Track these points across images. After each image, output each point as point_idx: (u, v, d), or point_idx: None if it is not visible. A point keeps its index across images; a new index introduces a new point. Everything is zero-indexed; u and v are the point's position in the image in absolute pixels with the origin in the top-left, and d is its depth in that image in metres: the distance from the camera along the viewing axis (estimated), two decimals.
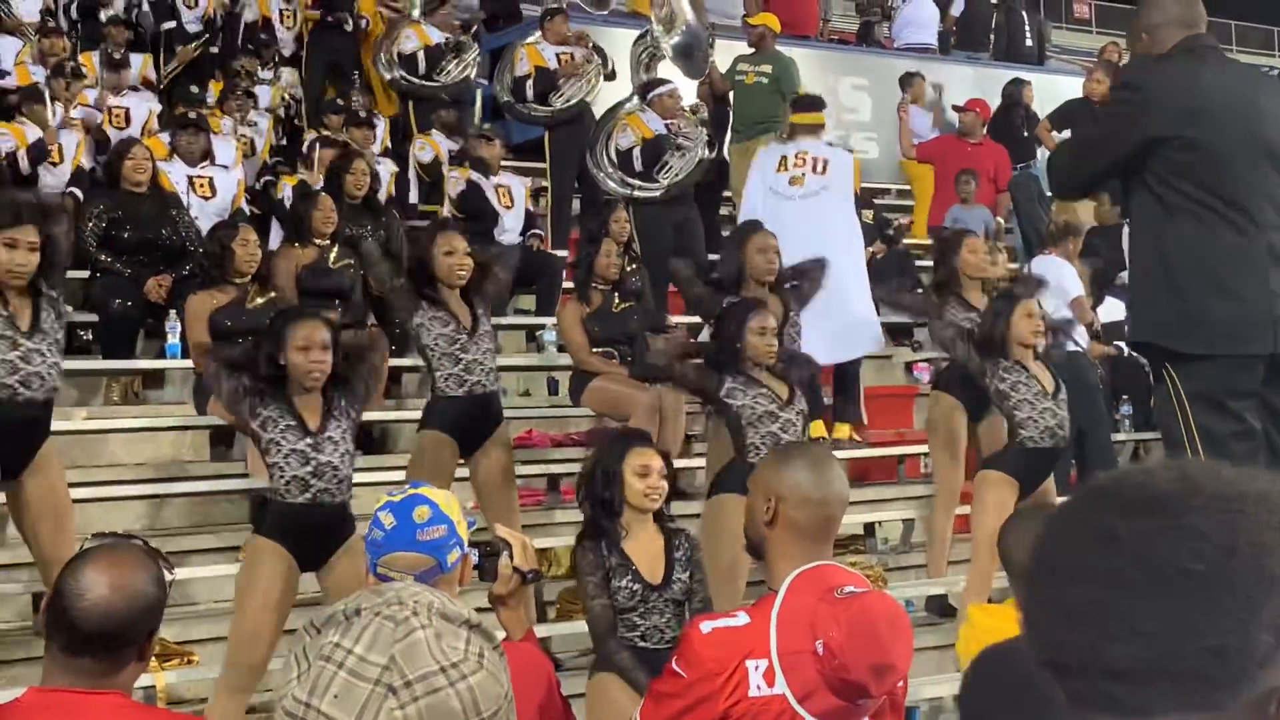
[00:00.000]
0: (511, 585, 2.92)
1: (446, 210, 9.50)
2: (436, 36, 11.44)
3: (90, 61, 10.29)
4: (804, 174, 8.33)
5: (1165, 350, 4.41)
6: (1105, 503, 1.06)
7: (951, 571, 7.20)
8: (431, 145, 10.52)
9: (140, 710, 2.94)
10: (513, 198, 9.59)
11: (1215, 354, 4.31)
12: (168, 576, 2.75)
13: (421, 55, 11.29)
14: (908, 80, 12.58)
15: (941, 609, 7.27)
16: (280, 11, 11.88)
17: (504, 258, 6.82)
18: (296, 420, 5.03)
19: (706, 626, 2.83)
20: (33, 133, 8.66)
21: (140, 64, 10.83)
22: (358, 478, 6.91)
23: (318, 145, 9.73)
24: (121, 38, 10.80)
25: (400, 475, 6.12)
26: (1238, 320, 4.31)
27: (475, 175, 9.50)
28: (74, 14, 11.35)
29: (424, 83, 11.23)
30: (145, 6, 11.48)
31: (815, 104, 9.03)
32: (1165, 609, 0.99)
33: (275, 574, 5.00)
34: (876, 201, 11.52)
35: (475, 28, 12.07)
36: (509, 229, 9.50)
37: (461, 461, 6.22)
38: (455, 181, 9.46)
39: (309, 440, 5.03)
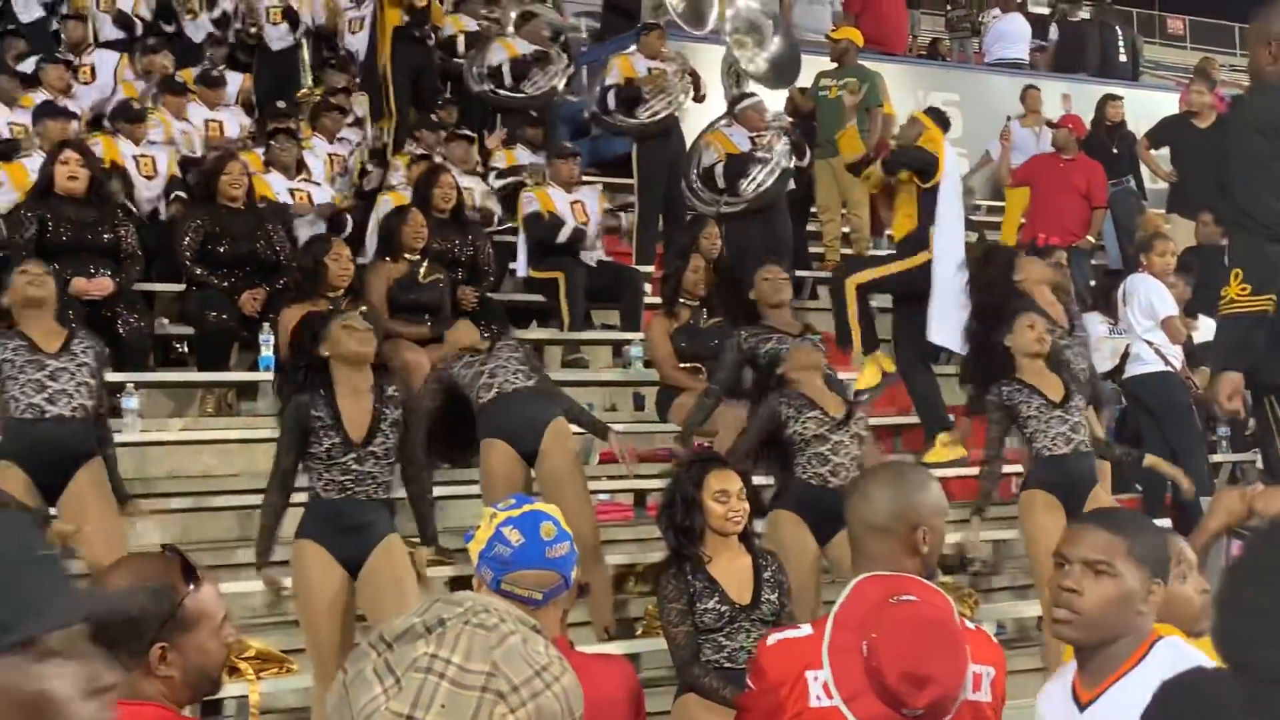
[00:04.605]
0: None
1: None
2: (523, 49, 11.53)
3: (189, 77, 10.50)
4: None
5: (1263, 380, 4.32)
6: None
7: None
8: (509, 159, 10.59)
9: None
10: (588, 213, 9.62)
11: None
12: (182, 591, 2.73)
13: (507, 68, 11.39)
14: (1026, 94, 12.50)
15: None
16: (350, 20, 12.02)
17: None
18: (342, 435, 5.16)
19: (772, 639, 2.85)
20: (126, 147, 8.78)
21: (239, 83, 11.06)
22: (442, 491, 7.03)
23: (418, 160, 9.83)
24: (220, 56, 11.02)
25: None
26: None
27: (552, 192, 9.55)
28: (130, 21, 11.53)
29: (509, 94, 11.32)
30: (236, 23, 11.68)
31: (944, 121, 8.95)
32: None
33: (322, 570, 5.10)
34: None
35: (564, 38, 12.12)
36: (587, 242, 9.52)
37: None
38: (528, 202, 9.53)
39: (353, 455, 5.14)
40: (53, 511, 5.45)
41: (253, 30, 11.57)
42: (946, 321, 7.77)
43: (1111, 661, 2.73)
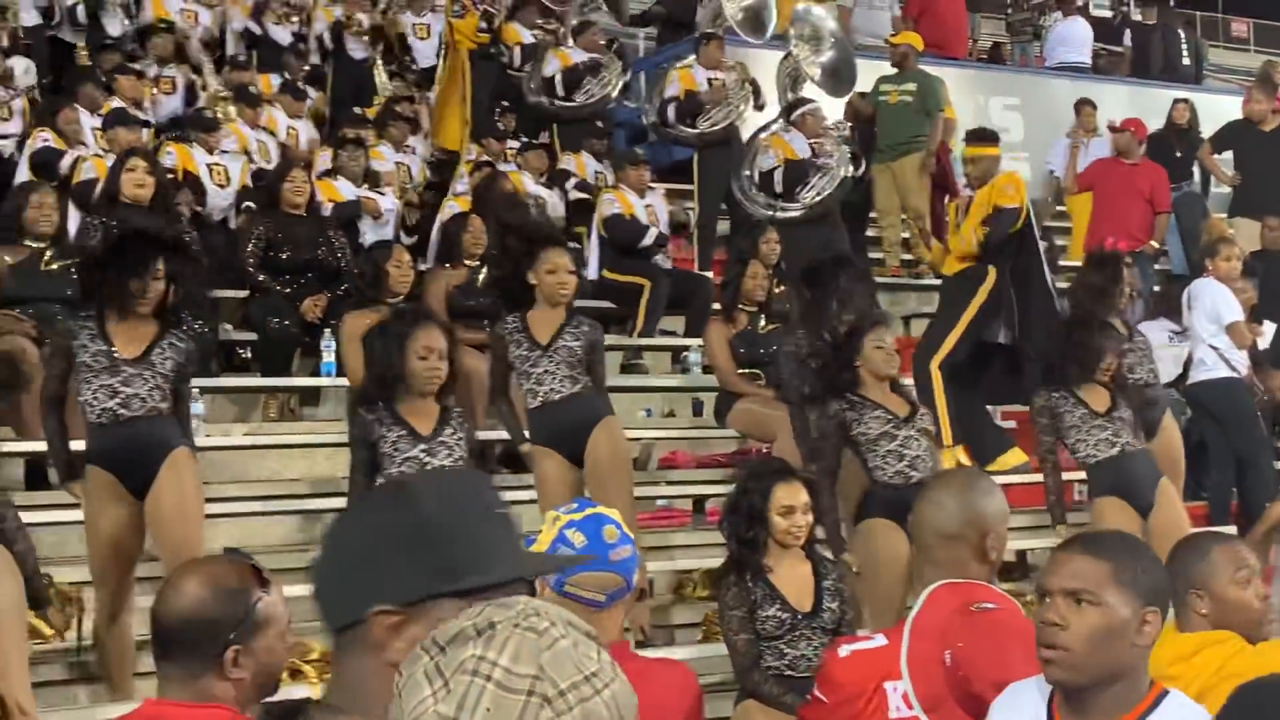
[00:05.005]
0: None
1: (594, 231, 9.57)
2: (578, 57, 11.56)
3: (268, 84, 10.63)
4: None
5: None
6: None
7: None
8: (578, 164, 10.63)
9: None
10: (659, 217, 9.65)
11: None
12: (256, 595, 2.76)
13: (559, 78, 11.43)
14: (1081, 107, 12.40)
15: None
16: (414, 25, 12.09)
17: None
18: (407, 429, 5.14)
19: (845, 650, 2.83)
20: (200, 155, 8.87)
21: (316, 98, 11.20)
22: (506, 496, 7.05)
23: (481, 168, 9.90)
24: (300, 70, 11.15)
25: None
26: None
27: (631, 196, 9.57)
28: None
29: (563, 103, 11.36)
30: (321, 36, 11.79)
31: (992, 137, 8.83)
32: None
33: None
34: None
35: (618, 44, 12.12)
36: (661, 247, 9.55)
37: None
38: (609, 203, 9.54)
39: (423, 446, 5.12)
40: None
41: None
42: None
43: (1108, 707, 2.46)
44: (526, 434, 6.33)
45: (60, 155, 8.77)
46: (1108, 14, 16.90)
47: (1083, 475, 6.91)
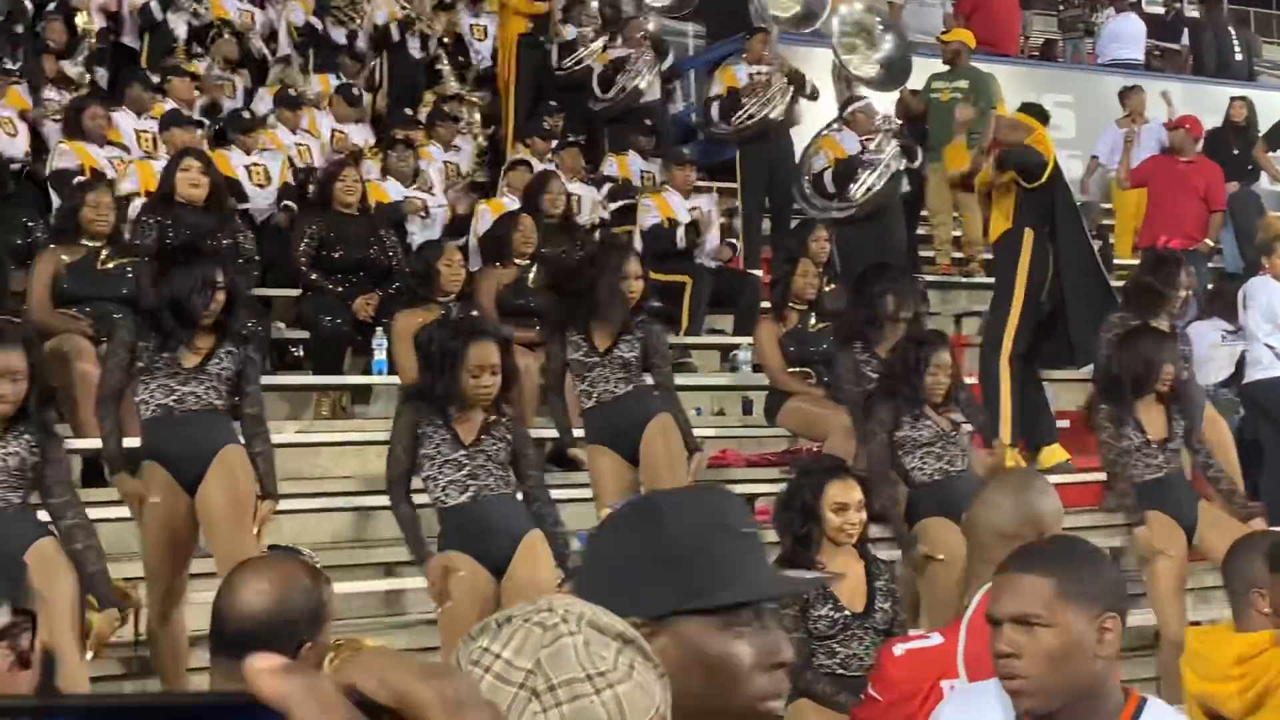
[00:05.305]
0: None
1: (637, 235, 9.58)
2: (616, 54, 11.57)
3: (326, 83, 10.67)
4: None
5: None
6: None
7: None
8: (620, 165, 10.63)
9: None
10: (705, 219, 9.61)
11: None
12: (323, 591, 2.79)
13: (595, 77, 11.46)
14: (1128, 94, 12.28)
15: None
16: (470, 26, 12.12)
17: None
18: (451, 434, 5.22)
19: (899, 649, 2.83)
20: (237, 158, 8.87)
21: (369, 100, 11.26)
22: (553, 495, 7.06)
23: (516, 167, 9.91)
24: (355, 72, 11.20)
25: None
26: None
27: (670, 197, 9.56)
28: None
29: (600, 101, 11.37)
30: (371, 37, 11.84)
31: (1044, 115, 8.85)
32: None
33: (460, 580, 5.16)
34: None
35: (654, 38, 12.03)
36: (706, 250, 9.52)
37: None
38: (646, 210, 9.55)
39: (464, 452, 5.21)
40: None
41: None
42: (1088, 338, 7.72)
43: None
44: (575, 435, 6.36)
45: (75, 174, 8.63)
46: (1160, 10, 16.74)
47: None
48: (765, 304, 9.20)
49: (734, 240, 9.78)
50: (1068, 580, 2.29)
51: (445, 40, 11.96)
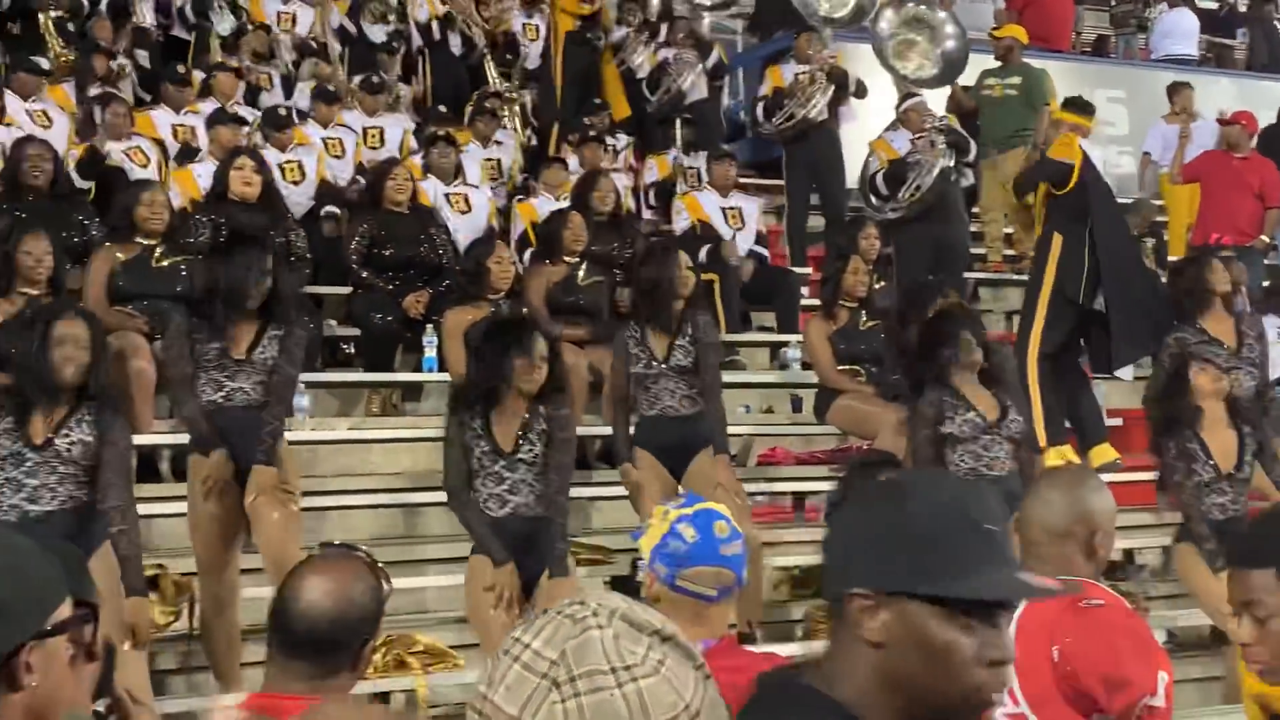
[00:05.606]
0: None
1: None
2: (664, 55, 11.56)
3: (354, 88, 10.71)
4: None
5: None
6: None
7: None
8: (660, 166, 10.62)
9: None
10: (743, 218, 9.58)
11: None
12: (385, 589, 2.80)
13: (645, 78, 11.48)
14: (1176, 91, 12.16)
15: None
16: (524, 26, 12.15)
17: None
18: (492, 445, 5.32)
19: None
20: (272, 155, 8.82)
21: (408, 93, 11.28)
22: (597, 492, 7.09)
23: (551, 165, 9.93)
24: (392, 65, 11.24)
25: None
26: None
27: (705, 198, 9.54)
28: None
29: (648, 102, 11.38)
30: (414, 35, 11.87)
31: (1088, 108, 8.80)
32: None
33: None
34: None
35: (703, 35, 12.00)
36: (740, 250, 9.47)
37: None
38: (678, 214, 9.55)
39: (503, 463, 5.31)
40: None
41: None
42: (1129, 345, 7.66)
43: None
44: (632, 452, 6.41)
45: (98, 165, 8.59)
46: (1214, 5, 16.57)
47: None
48: (806, 301, 9.21)
49: (764, 251, 9.66)
50: None
51: (494, 37, 11.97)
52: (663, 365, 6.33)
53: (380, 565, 2.81)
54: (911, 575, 1.63)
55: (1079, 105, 8.79)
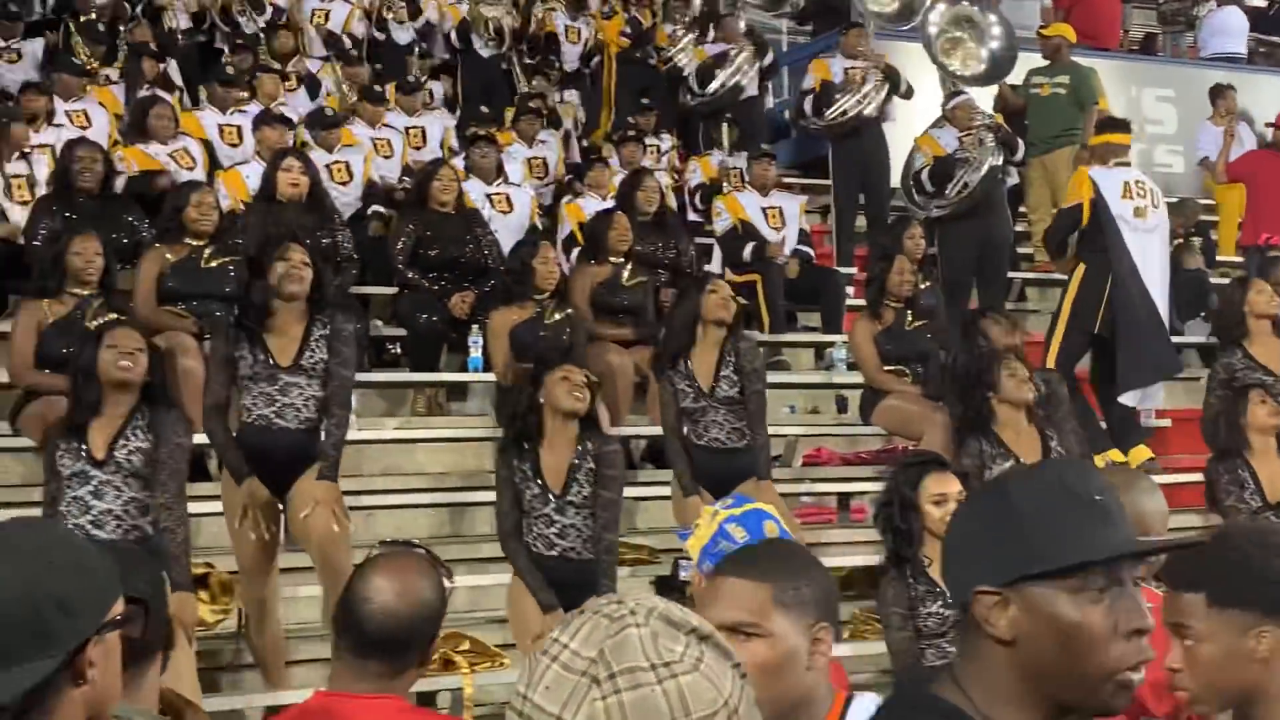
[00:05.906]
0: None
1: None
2: (713, 50, 11.54)
3: (392, 91, 10.77)
4: (1146, 206, 8.18)
5: None
6: None
7: None
8: (703, 169, 10.61)
9: (418, 714, 3.03)
10: (783, 218, 9.55)
11: None
12: (447, 585, 2.82)
13: (693, 73, 11.46)
14: (1219, 93, 12.05)
15: None
16: (565, 28, 12.17)
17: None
18: (542, 486, 5.39)
19: None
20: (319, 156, 8.85)
21: (440, 90, 11.33)
22: (644, 491, 7.09)
23: (596, 165, 9.96)
24: (424, 67, 11.29)
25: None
26: None
27: (745, 198, 9.54)
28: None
29: (699, 98, 11.36)
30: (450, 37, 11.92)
31: (1124, 125, 8.73)
32: None
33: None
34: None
35: (755, 32, 11.99)
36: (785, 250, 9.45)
37: None
38: (719, 215, 9.55)
39: (553, 505, 5.38)
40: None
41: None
42: (1137, 372, 7.69)
43: None
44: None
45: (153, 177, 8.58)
46: (1262, 3, 16.40)
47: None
48: (851, 300, 9.17)
49: (809, 250, 9.63)
50: (783, 588, 2.20)
51: (530, 35, 12.00)
52: (709, 399, 6.31)
53: (442, 561, 2.83)
54: (1027, 559, 1.62)
55: (1116, 124, 8.74)
